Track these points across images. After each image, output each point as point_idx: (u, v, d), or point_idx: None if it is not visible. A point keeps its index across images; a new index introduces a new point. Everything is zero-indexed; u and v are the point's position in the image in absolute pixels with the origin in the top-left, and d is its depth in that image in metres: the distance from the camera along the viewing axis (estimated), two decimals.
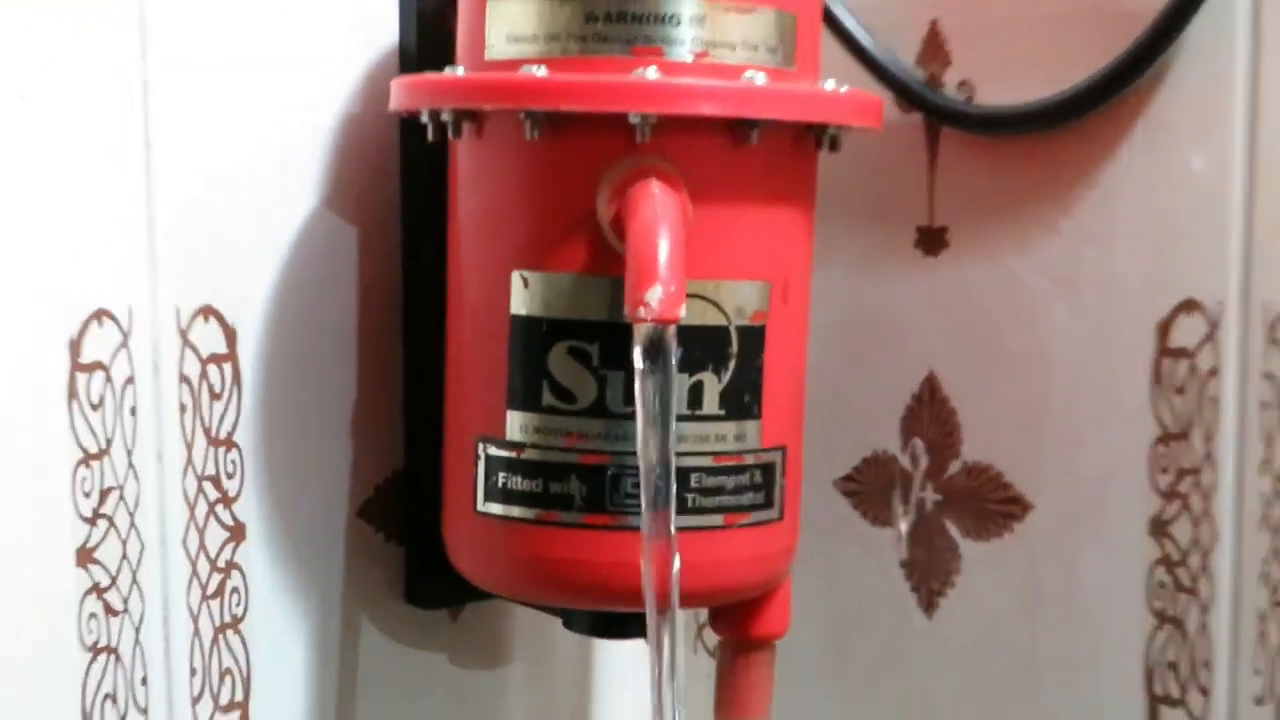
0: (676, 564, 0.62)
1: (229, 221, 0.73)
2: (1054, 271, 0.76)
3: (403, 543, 0.80)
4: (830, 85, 0.68)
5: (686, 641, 0.83)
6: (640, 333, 0.61)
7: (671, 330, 0.61)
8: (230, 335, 0.73)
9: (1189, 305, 0.72)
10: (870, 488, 0.84)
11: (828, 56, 0.75)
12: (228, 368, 0.73)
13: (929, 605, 0.82)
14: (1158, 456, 0.74)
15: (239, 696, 0.75)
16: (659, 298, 0.60)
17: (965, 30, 0.78)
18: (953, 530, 0.81)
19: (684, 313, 0.61)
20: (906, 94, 0.79)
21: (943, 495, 0.81)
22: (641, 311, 0.60)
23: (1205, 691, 0.73)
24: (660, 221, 0.61)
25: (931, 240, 0.80)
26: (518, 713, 0.86)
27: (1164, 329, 0.73)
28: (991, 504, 0.79)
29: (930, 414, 0.81)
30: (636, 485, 0.63)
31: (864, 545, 0.84)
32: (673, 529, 0.62)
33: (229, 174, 0.73)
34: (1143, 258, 0.74)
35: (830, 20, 0.78)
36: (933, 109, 0.79)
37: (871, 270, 0.82)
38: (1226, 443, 0.72)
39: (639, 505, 0.63)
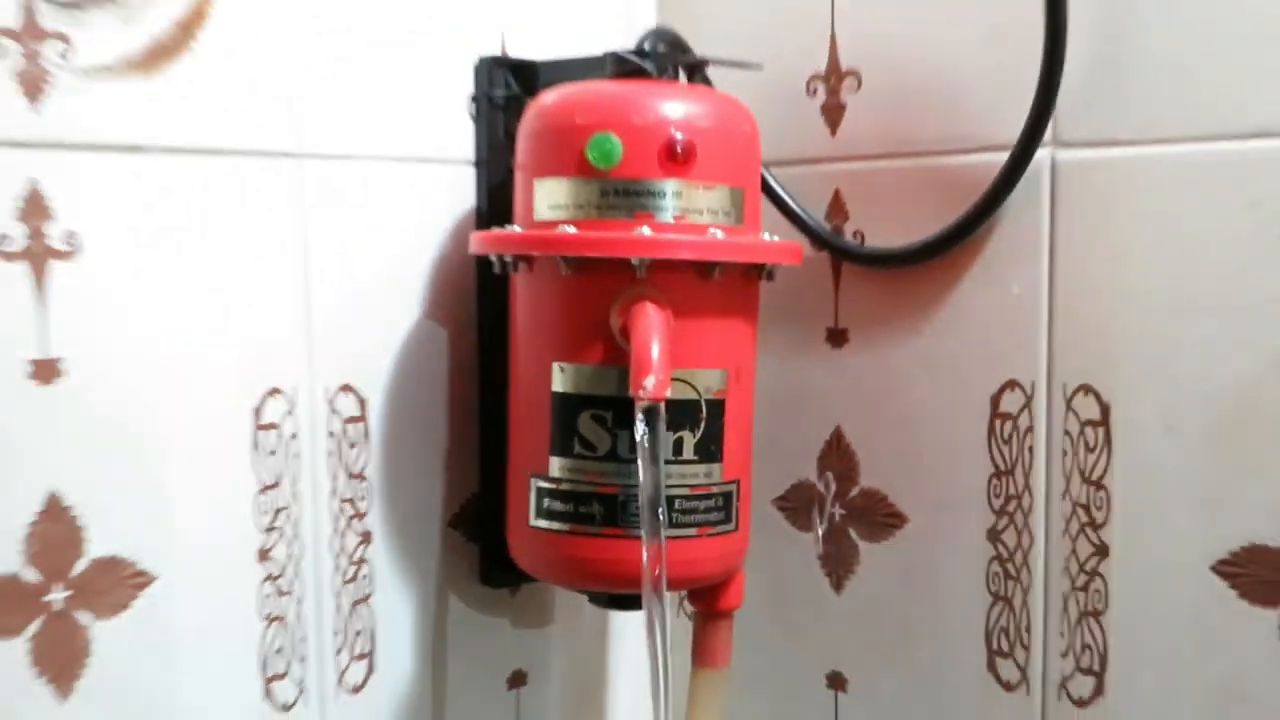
0: (664, 562, 0.64)
1: (361, 326, 0.75)
2: (919, 359, 0.78)
3: (478, 543, 0.81)
4: (767, 236, 0.71)
5: (673, 611, 0.84)
6: (639, 407, 0.63)
7: (661, 405, 0.63)
8: (362, 403, 0.75)
9: (1012, 384, 0.74)
10: (797, 505, 0.85)
11: (766, 214, 0.78)
12: (360, 426, 0.75)
13: (838, 586, 0.83)
14: (993, 486, 0.75)
15: (367, 649, 0.76)
16: (653, 384, 0.62)
17: (858, 197, 0.80)
18: (854, 534, 0.82)
19: (669, 394, 0.63)
20: (818, 239, 0.80)
21: (847, 510, 0.82)
22: (641, 393, 0.62)
23: (1026, 648, 0.74)
24: (653, 332, 0.63)
25: (837, 337, 0.81)
26: (556, 659, 0.87)
27: (995, 400, 0.74)
28: (880, 517, 0.80)
29: (837, 455, 0.82)
30: (638, 508, 0.65)
31: (793, 544, 0.85)
32: (663, 538, 0.64)
33: (362, 294, 0.75)
34: (979, 351, 0.75)
35: (768, 190, 0.79)
36: (836, 249, 0.80)
37: (797, 358, 0.83)
38: (1039, 478, 0.73)
39: (639, 522, 0.65)
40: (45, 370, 0.63)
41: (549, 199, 0.68)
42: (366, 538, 0.76)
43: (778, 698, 0.86)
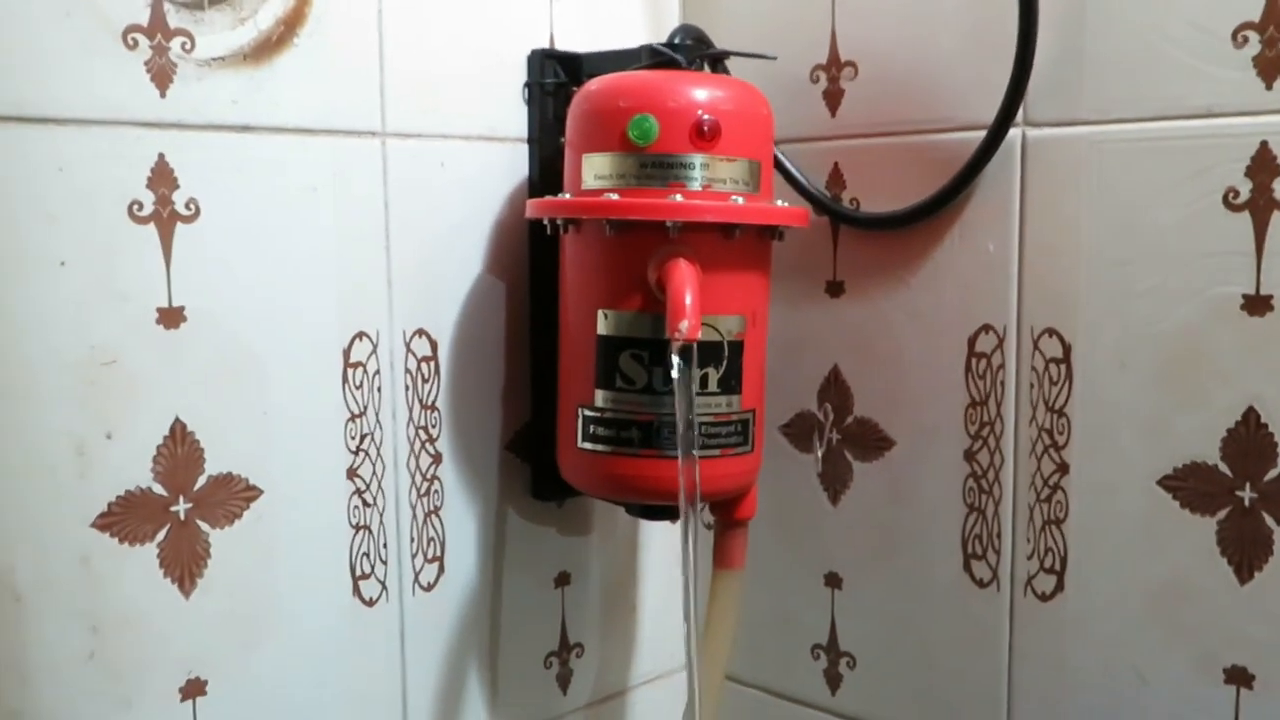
0: (697, 476, 0.65)
1: (432, 279, 0.75)
2: (906, 307, 0.78)
3: (530, 463, 0.82)
4: (779, 203, 0.71)
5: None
6: (675, 347, 0.63)
7: (694, 345, 0.64)
8: (434, 345, 0.75)
9: (986, 327, 0.74)
10: (800, 431, 0.85)
11: (775, 184, 0.78)
12: (432, 364, 0.76)
13: (835, 499, 0.84)
14: (968, 415, 0.76)
15: (439, 553, 0.77)
16: (687, 327, 0.63)
17: (854, 168, 0.80)
18: (849, 456, 0.83)
19: (700, 335, 0.64)
20: (820, 205, 0.80)
21: (842, 436, 0.83)
22: (676, 334, 0.62)
23: (997, 551, 0.75)
24: (687, 283, 0.64)
25: (835, 289, 0.82)
26: (595, 562, 0.88)
27: (971, 341, 0.75)
28: (871, 441, 0.81)
29: (835, 389, 0.83)
30: (671, 432, 0.66)
31: (796, 464, 0.86)
32: (696, 457, 0.65)
33: (433, 252, 0.75)
34: (958, 300, 0.75)
35: (779, 164, 0.80)
36: (835, 214, 0.80)
37: (802, 306, 0.83)
38: (1009, 407, 0.74)
39: (673, 444, 0.66)
40: (170, 316, 0.63)
41: (595, 171, 0.68)
42: (437, 459, 0.77)
43: (783, 595, 0.88)
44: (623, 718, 0.91)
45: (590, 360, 0.69)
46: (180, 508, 0.65)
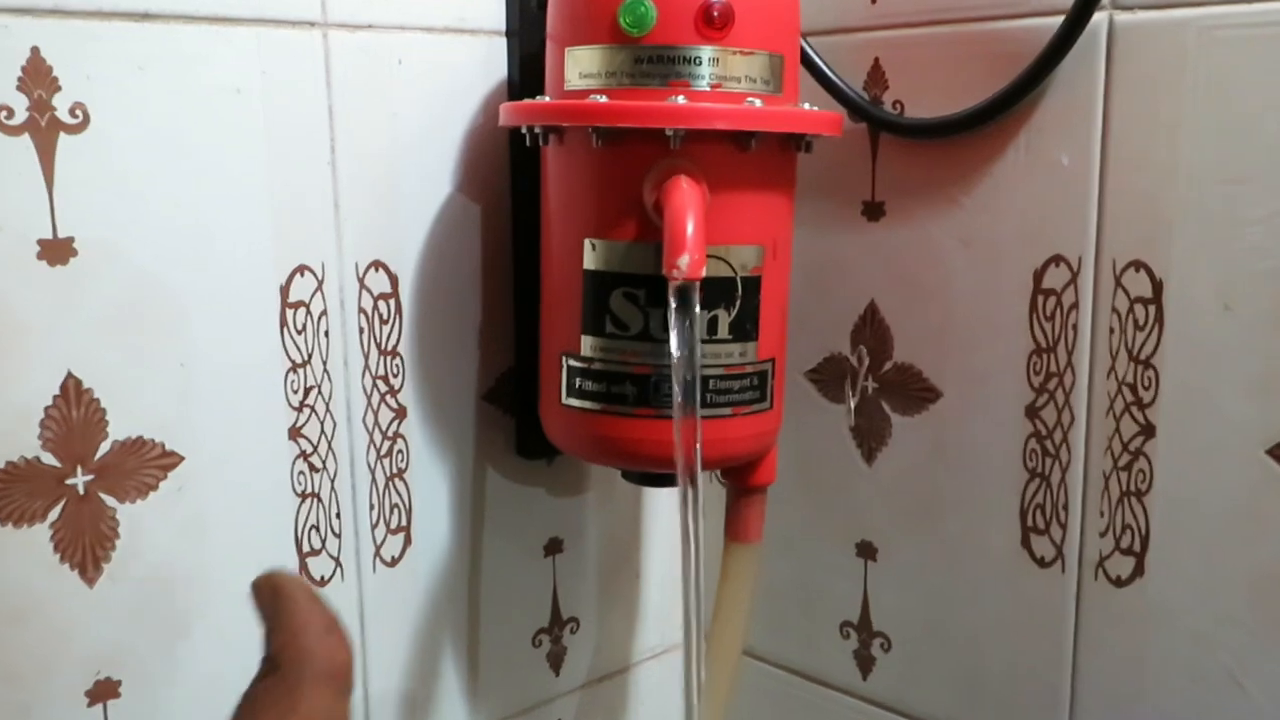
0: (699, 445, 0.54)
1: (391, 201, 0.63)
2: (957, 233, 0.66)
3: (514, 415, 0.71)
4: (806, 106, 0.59)
5: (707, 481, 0.74)
6: (673, 287, 0.52)
7: (695, 284, 0.52)
8: (393, 280, 0.64)
9: (1056, 259, 0.62)
10: (829, 377, 0.74)
11: (805, 84, 0.66)
12: (392, 302, 0.64)
13: (869, 457, 0.73)
14: (1032, 364, 0.64)
15: (404, 522, 0.67)
16: (687, 263, 0.51)
17: (898, 65, 0.67)
18: (886, 408, 0.71)
19: (704, 273, 0.52)
20: (857, 110, 0.68)
21: (880, 384, 0.71)
22: (675, 273, 0.51)
23: (1063, 525, 0.64)
24: (688, 208, 0.52)
25: (874, 211, 0.70)
26: (591, 527, 0.78)
27: (1038, 276, 0.63)
28: (913, 391, 0.70)
29: (871, 329, 0.71)
30: (671, 389, 0.55)
31: (824, 415, 0.74)
32: (698, 420, 0.54)
33: (391, 166, 0.63)
34: (1023, 225, 0.63)
35: (806, 60, 0.67)
36: (875, 120, 0.68)
37: (834, 231, 0.72)
38: (1083, 355, 0.62)
39: (673, 402, 0.54)
40: (56, 250, 0.52)
41: (580, 68, 0.56)
42: (401, 413, 0.66)
43: (808, 565, 0.77)
44: (625, 698, 0.81)
45: (576, 300, 0.58)
46: (78, 480, 0.54)
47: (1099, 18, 0.58)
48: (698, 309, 0.53)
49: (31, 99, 0.51)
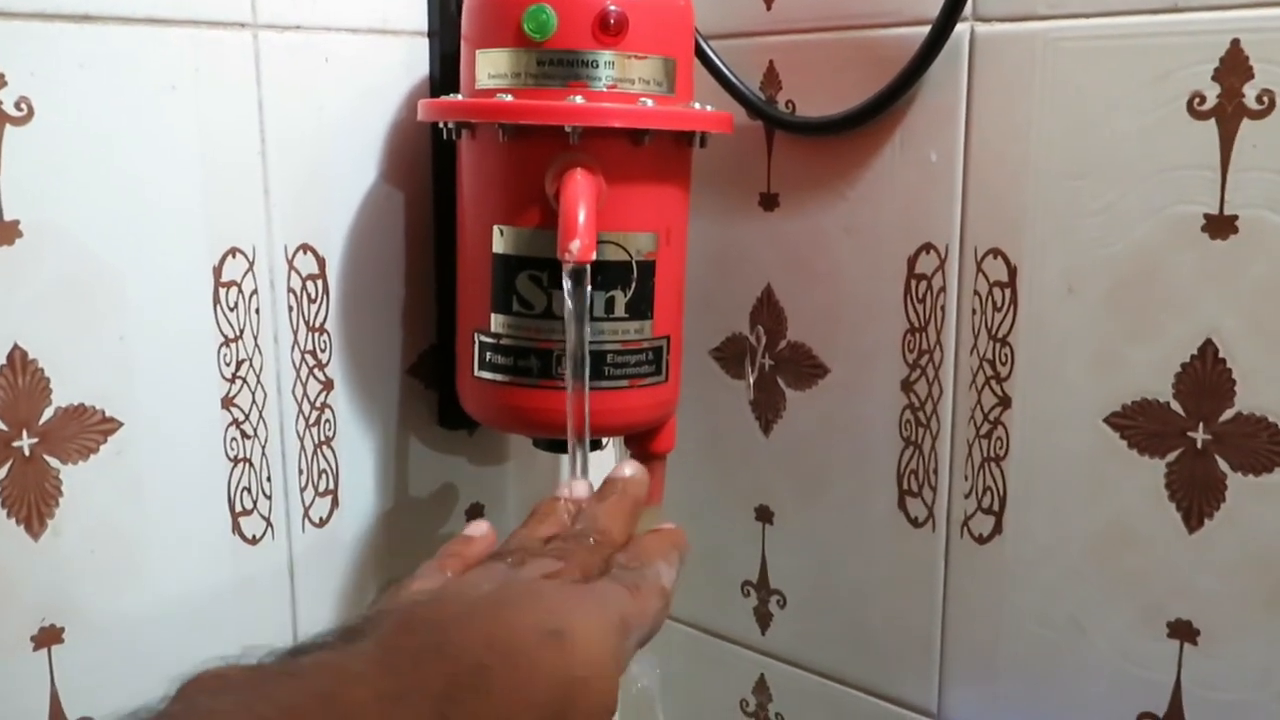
0: (587, 412, 0.60)
1: (320, 187, 0.68)
2: (842, 223, 0.72)
3: (436, 389, 0.76)
4: (698, 106, 0.64)
5: (621, 452, 0.79)
6: (566, 269, 0.57)
7: (586, 267, 0.57)
8: (321, 262, 0.69)
9: (927, 246, 0.68)
10: (730, 355, 0.80)
11: (705, 85, 0.71)
12: (320, 282, 0.69)
13: (767, 429, 0.78)
14: (907, 341, 0.70)
15: (331, 486, 0.72)
16: (578, 247, 0.57)
17: (791, 67, 0.73)
18: (781, 383, 0.77)
19: (594, 256, 0.57)
20: (753, 108, 0.73)
21: (775, 361, 0.77)
22: (566, 256, 0.57)
23: (934, 488, 0.70)
24: (580, 198, 0.58)
25: (769, 202, 0.75)
26: (512, 492, 0.83)
27: (911, 261, 0.69)
28: (805, 368, 0.75)
29: (768, 310, 0.77)
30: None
31: (726, 390, 0.80)
32: (586, 390, 0.59)
33: (319, 156, 0.68)
34: (899, 215, 0.69)
35: (706, 62, 0.72)
36: (770, 118, 0.73)
37: (734, 220, 0.77)
38: (950, 334, 0.68)
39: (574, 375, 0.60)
40: (3, 232, 0.56)
41: (489, 69, 0.61)
42: (328, 385, 0.71)
43: (713, 529, 0.82)
44: None
45: (486, 281, 0.63)
46: (24, 443, 0.59)
47: (961, 28, 0.64)
48: (589, 289, 0.59)
49: None
